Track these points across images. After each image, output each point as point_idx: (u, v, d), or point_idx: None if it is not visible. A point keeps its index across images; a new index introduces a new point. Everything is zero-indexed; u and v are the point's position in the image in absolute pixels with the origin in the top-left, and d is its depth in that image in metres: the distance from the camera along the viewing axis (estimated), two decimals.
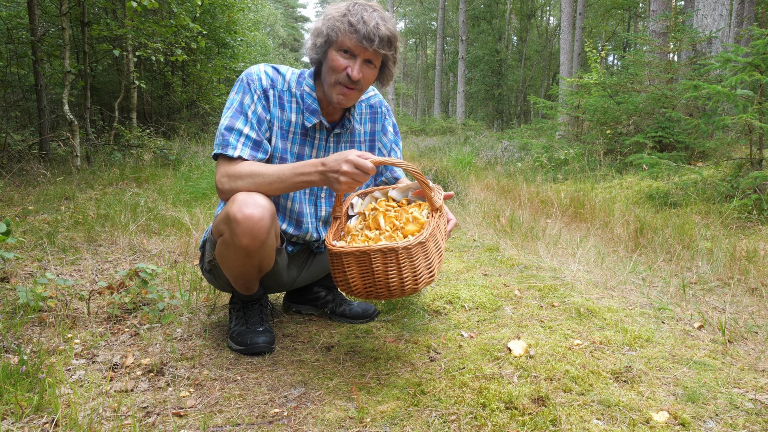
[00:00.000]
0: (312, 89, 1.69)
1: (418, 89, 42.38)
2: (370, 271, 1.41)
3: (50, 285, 2.19)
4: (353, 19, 1.52)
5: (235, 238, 1.49)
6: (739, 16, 11.01)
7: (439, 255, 1.50)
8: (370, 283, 1.43)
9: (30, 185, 4.85)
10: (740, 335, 1.86)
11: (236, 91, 1.66)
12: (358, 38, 1.52)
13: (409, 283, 1.41)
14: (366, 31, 1.51)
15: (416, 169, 1.44)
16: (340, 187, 1.43)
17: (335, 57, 1.56)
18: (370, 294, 1.45)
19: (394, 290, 1.42)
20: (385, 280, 1.40)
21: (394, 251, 1.37)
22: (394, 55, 1.62)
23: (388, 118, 1.91)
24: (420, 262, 1.41)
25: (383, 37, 1.53)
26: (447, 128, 19.99)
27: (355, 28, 1.51)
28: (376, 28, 1.52)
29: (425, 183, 1.49)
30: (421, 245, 1.41)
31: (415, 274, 1.41)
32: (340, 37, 1.54)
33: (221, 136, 1.60)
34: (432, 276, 1.46)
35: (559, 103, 9.11)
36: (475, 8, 26.79)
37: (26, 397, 1.36)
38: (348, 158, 1.40)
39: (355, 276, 1.44)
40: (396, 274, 1.39)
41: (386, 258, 1.39)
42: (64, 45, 5.80)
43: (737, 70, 4.31)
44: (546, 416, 1.33)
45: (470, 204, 4.76)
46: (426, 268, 1.43)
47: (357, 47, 1.54)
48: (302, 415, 1.37)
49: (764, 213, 3.59)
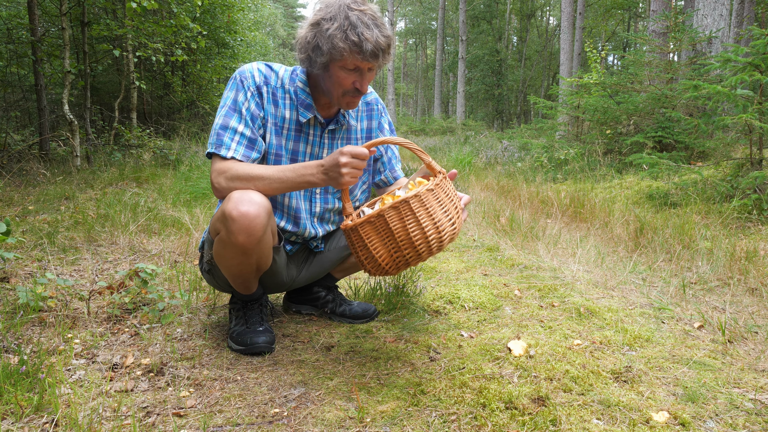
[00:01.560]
0: (305, 84, 1.70)
1: (418, 89, 42.40)
2: (390, 234, 1.39)
3: (50, 285, 2.19)
4: (355, 39, 1.49)
5: (231, 235, 1.49)
6: (739, 16, 11.01)
7: (455, 208, 1.46)
8: (395, 247, 1.40)
9: (30, 185, 4.85)
10: (740, 335, 1.86)
11: (230, 89, 1.66)
12: (363, 57, 1.52)
13: (433, 233, 1.38)
14: (371, 49, 1.51)
15: (410, 142, 1.45)
16: (344, 179, 1.44)
17: (341, 74, 1.57)
18: (399, 262, 1.43)
19: (420, 246, 1.39)
20: (408, 237, 1.38)
21: (405, 202, 1.37)
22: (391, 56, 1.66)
23: (384, 116, 1.94)
24: (436, 210, 1.39)
25: (385, 49, 1.55)
26: (447, 128, 19.99)
27: (360, 48, 1.50)
28: (378, 43, 1.52)
29: (419, 150, 1.47)
30: (430, 192, 1.39)
31: (436, 223, 1.39)
32: (345, 57, 1.52)
33: (216, 135, 1.60)
34: (455, 228, 1.43)
35: (559, 103, 9.11)
36: (475, 8, 26.79)
37: (26, 397, 1.36)
38: (342, 151, 1.44)
39: (378, 246, 1.41)
40: (416, 226, 1.37)
41: (401, 213, 1.37)
42: (64, 45, 5.81)
43: (737, 70, 4.31)
44: (546, 416, 1.33)
45: (470, 204, 4.76)
46: (445, 217, 1.41)
47: (363, 64, 1.56)
48: (302, 415, 1.37)
49: (764, 213, 3.59)
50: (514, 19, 30.51)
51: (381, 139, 1.47)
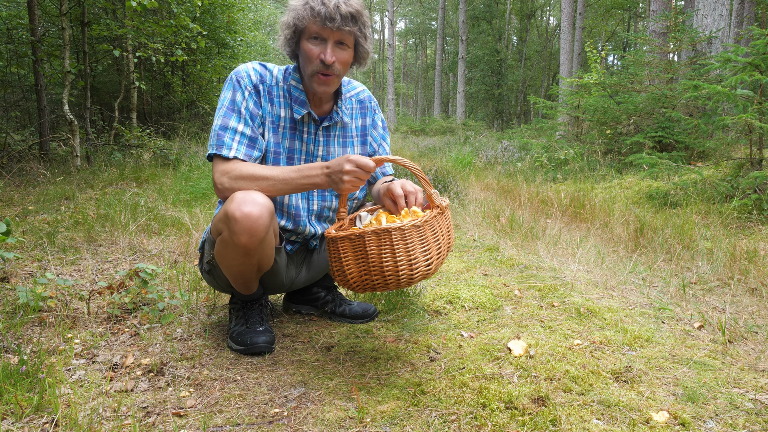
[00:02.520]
0: (298, 82, 1.71)
1: (418, 89, 42.38)
2: (365, 256, 1.41)
3: (50, 285, 2.19)
4: (314, 3, 1.55)
5: (234, 236, 1.49)
6: (739, 16, 11.01)
7: (438, 248, 1.47)
8: (365, 269, 1.42)
9: (30, 185, 4.85)
10: (740, 335, 1.86)
11: (227, 90, 1.67)
12: (321, 20, 1.54)
13: (404, 269, 1.39)
14: (326, 12, 1.54)
15: (417, 167, 1.45)
16: (344, 186, 1.46)
17: (307, 46, 1.60)
18: (366, 284, 1.44)
19: (389, 277, 1.40)
20: (380, 265, 1.39)
21: (387, 232, 1.38)
22: (363, 31, 1.64)
23: (378, 113, 1.94)
24: (415, 247, 1.39)
25: (345, 15, 1.56)
26: (447, 128, 19.97)
27: (316, 11, 1.54)
28: (337, 7, 1.54)
29: (424, 179, 1.48)
30: (415, 228, 1.39)
31: (411, 259, 1.39)
32: (306, 24, 1.57)
33: (216, 136, 1.60)
34: (429, 267, 1.43)
35: (559, 103, 9.11)
36: (475, 8, 26.78)
37: (26, 397, 1.36)
38: (350, 158, 1.43)
39: (351, 263, 1.44)
40: (390, 257, 1.38)
41: (380, 240, 1.39)
42: (64, 45, 5.80)
43: (737, 70, 4.31)
44: (546, 416, 1.33)
45: (470, 204, 4.76)
46: (422, 256, 1.41)
47: (323, 30, 1.56)
48: (302, 415, 1.37)
49: (764, 213, 3.59)
50: (514, 19, 30.49)
51: (390, 158, 1.46)
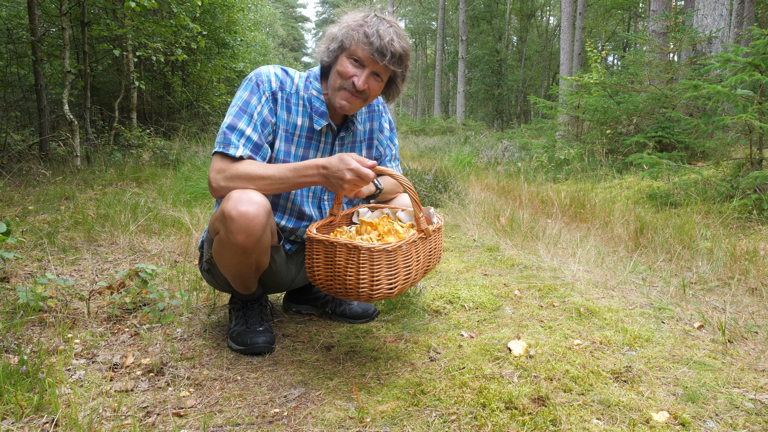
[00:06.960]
0: (320, 92, 1.71)
1: (418, 89, 42.37)
2: (333, 264, 1.45)
3: (50, 285, 2.19)
4: (369, 30, 1.55)
5: (231, 235, 1.49)
6: (739, 16, 11.01)
7: (407, 273, 1.47)
8: (331, 275, 1.47)
9: (30, 185, 4.85)
10: (740, 335, 1.86)
11: (244, 89, 1.65)
12: (370, 50, 1.54)
13: (365, 287, 1.41)
14: (380, 44, 1.53)
15: (411, 187, 1.46)
16: (343, 192, 1.50)
17: (345, 64, 1.59)
18: (329, 288, 1.49)
19: (349, 289, 1.43)
20: (343, 276, 1.43)
21: (357, 249, 1.40)
22: (404, 73, 1.64)
23: (385, 115, 1.94)
24: (381, 270, 1.40)
25: (395, 53, 1.56)
26: (447, 128, 19.98)
27: (369, 40, 1.54)
28: (390, 43, 1.54)
29: (416, 202, 1.48)
30: (385, 252, 1.40)
31: (373, 280, 1.40)
32: (353, 45, 1.57)
33: (223, 134, 1.60)
34: (392, 291, 1.44)
35: (559, 103, 9.11)
36: (475, 8, 26.78)
37: (26, 397, 1.36)
38: (350, 167, 1.44)
39: (320, 265, 1.49)
40: (354, 273, 1.41)
41: (349, 254, 1.41)
42: (64, 45, 5.80)
43: (737, 70, 4.31)
44: (546, 416, 1.33)
45: (470, 204, 4.76)
46: (386, 279, 1.42)
47: (368, 59, 1.56)
48: (302, 415, 1.37)
49: (764, 213, 3.59)
50: (514, 19, 30.49)
51: (388, 172, 1.46)
